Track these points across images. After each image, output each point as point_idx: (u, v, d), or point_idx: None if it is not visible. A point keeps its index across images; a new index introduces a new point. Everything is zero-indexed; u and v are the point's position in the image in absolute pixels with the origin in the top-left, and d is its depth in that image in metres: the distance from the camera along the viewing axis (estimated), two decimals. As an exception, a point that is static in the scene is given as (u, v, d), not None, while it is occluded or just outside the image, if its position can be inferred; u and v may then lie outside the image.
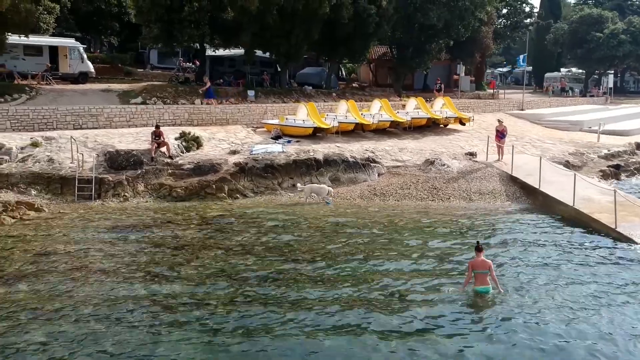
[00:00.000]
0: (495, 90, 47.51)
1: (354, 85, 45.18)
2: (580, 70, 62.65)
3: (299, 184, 19.37)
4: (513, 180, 19.98)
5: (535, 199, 18.48)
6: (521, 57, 42.09)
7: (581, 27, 53.31)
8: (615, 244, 14.05)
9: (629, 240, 14.03)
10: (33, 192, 18.13)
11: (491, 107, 37.18)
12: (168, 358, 8.56)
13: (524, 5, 54.61)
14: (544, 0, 73.26)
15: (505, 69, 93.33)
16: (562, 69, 66.15)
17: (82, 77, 33.40)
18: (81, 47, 34.46)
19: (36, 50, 32.57)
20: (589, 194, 17.33)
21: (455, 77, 49.09)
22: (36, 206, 16.96)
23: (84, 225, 15.28)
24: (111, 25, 44.17)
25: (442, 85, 38.07)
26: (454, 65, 48.65)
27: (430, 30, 37.26)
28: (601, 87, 58.63)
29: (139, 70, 42.13)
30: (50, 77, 31.72)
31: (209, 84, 28.01)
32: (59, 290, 10.96)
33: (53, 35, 31.52)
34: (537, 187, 18.36)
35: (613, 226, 14.63)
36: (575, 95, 53.17)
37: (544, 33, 59.69)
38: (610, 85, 60.06)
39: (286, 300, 10.58)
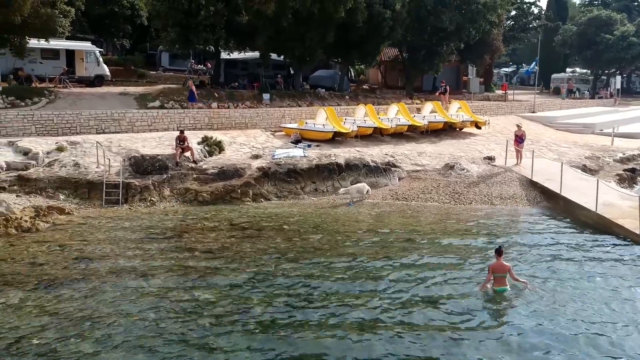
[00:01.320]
0: (505, 92, 47.75)
1: (364, 87, 45.47)
2: (585, 71, 62.84)
3: (342, 189, 19.86)
4: (533, 185, 20.25)
5: (556, 204, 18.74)
6: (534, 63, 42.34)
7: (590, 28, 53.45)
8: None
9: (654, 246, 14.31)
10: (61, 196, 18.38)
11: (503, 110, 37.40)
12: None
13: (532, 7, 54.97)
14: (551, 2, 73.60)
15: (510, 69, 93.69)
16: (567, 69, 66.37)
17: (97, 80, 33.81)
18: (97, 51, 34.87)
19: (53, 53, 32.92)
20: (610, 199, 17.58)
21: (465, 78, 49.40)
22: (66, 211, 17.28)
23: (116, 230, 15.58)
24: (123, 27, 44.47)
25: (448, 88, 38.05)
26: (463, 67, 48.99)
27: (442, 33, 37.56)
28: (609, 89, 58.84)
29: (151, 72, 42.44)
30: (67, 81, 32.11)
31: (193, 88, 27.63)
32: (101, 296, 11.23)
33: (67, 38, 31.76)
34: (558, 192, 18.62)
35: (637, 231, 14.88)
36: (584, 97, 53.34)
37: (552, 34, 59.88)
38: (618, 86, 60.28)
39: (321, 302, 10.90)
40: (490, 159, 23.23)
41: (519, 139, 22.69)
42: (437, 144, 25.60)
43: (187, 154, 20.66)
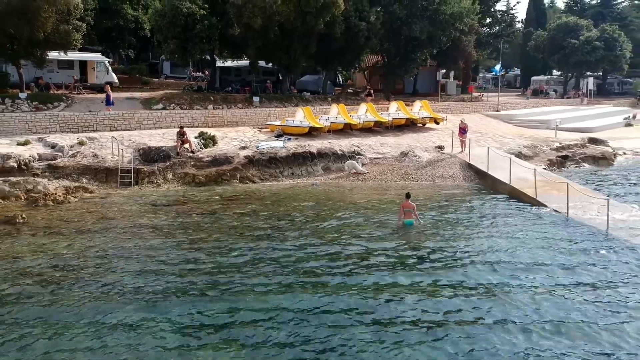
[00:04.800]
0: (479, 94, 52.07)
1: (349, 90, 49.92)
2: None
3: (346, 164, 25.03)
4: (470, 167, 24.59)
5: (485, 181, 23.07)
6: (497, 66, 46.70)
7: (558, 34, 57.93)
8: (533, 208, 18.80)
9: (543, 206, 18.70)
10: (84, 180, 22.70)
11: (468, 109, 41.72)
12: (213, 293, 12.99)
13: (505, 15, 59.42)
14: (530, 9, 78.12)
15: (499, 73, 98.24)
16: (554, 72, 70.72)
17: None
18: (106, 61, 39.33)
19: (68, 64, 37.42)
20: (526, 176, 21.84)
21: (442, 81, 53.81)
22: (90, 190, 21.60)
23: (130, 202, 19.91)
24: (128, 39, 48.87)
25: (372, 91, 41.90)
26: (439, 71, 53.39)
27: (415, 41, 41.87)
28: (581, 90, 63.16)
29: (154, 79, 46.84)
30: (81, 87, 36.54)
31: (109, 93, 30.06)
32: (122, 238, 15.53)
33: (79, 50, 35.99)
34: (486, 171, 22.95)
35: (534, 196, 19.24)
36: (551, 97, 57.69)
37: (530, 39, 64.32)
38: (591, 87, 64.59)
39: (283, 244, 15.21)
40: (441, 147, 27.55)
41: (462, 130, 27.01)
42: (399, 137, 29.92)
43: (186, 145, 24.98)
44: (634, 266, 13.31)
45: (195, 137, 26.14)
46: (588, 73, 63.24)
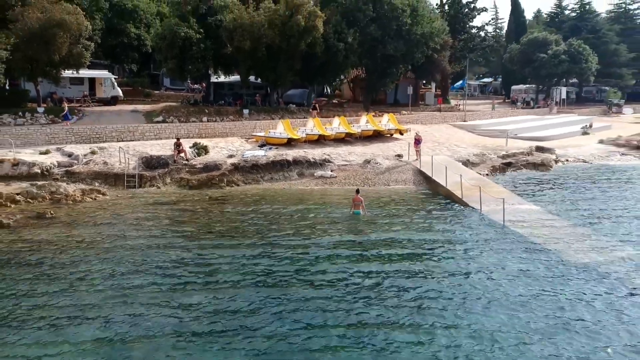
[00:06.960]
0: (457, 104, 56.61)
1: (334, 101, 54.53)
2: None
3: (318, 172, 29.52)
4: (420, 172, 29.19)
5: (430, 184, 27.65)
6: (461, 81, 51.37)
7: (529, 48, 62.65)
8: (458, 206, 23.49)
9: (466, 205, 23.32)
10: (96, 183, 27.31)
11: (437, 120, 46.33)
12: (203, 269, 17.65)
13: (480, 32, 64.20)
14: (510, 22, 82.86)
15: (487, 80, 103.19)
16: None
17: (113, 100, 42.91)
18: (112, 77, 44.02)
19: (79, 80, 42.10)
20: (459, 180, 26.32)
21: (422, 91, 58.59)
22: (102, 192, 26.18)
23: (135, 201, 24.49)
24: (132, 54, 53.47)
25: (317, 105, 45.98)
26: (420, 84, 58.13)
27: (391, 58, 46.44)
28: (553, 99, 67.85)
29: (155, 92, 51.47)
30: (90, 101, 41.22)
31: (66, 109, 33.77)
32: (129, 226, 20.14)
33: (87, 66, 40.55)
34: (431, 176, 27.55)
35: (460, 196, 23.85)
36: (517, 107, 62.42)
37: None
38: (564, 96, 69.36)
39: (257, 228, 19.80)
40: (400, 156, 32.13)
41: (417, 141, 31.58)
42: (366, 146, 34.52)
43: (182, 154, 29.57)
44: (510, 245, 18.15)
45: (190, 147, 30.74)
46: (564, 82, 67.90)
